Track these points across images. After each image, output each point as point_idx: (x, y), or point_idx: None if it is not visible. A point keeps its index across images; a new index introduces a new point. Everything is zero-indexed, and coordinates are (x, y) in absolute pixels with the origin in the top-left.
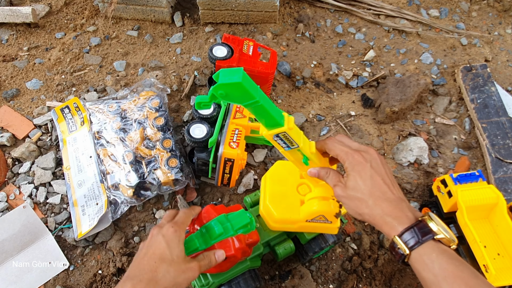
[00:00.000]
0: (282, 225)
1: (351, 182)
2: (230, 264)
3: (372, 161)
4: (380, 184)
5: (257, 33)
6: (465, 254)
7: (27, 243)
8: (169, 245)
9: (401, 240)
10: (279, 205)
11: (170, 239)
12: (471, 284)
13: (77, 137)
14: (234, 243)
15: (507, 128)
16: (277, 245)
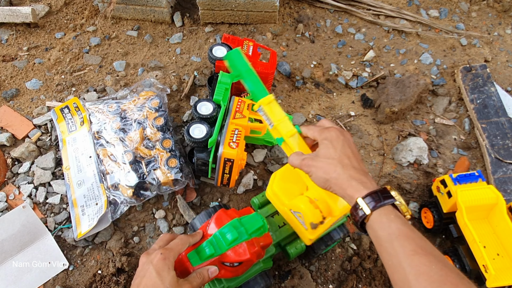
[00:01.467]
0: (274, 198)
1: (322, 150)
2: (245, 268)
3: (344, 134)
4: (350, 155)
5: (257, 33)
6: (465, 254)
7: (27, 243)
8: (160, 274)
9: (364, 201)
10: (283, 183)
11: (160, 268)
12: (421, 244)
13: (77, 137)
14: (249, 247)
15: (507, 128)
16: (288, 245)
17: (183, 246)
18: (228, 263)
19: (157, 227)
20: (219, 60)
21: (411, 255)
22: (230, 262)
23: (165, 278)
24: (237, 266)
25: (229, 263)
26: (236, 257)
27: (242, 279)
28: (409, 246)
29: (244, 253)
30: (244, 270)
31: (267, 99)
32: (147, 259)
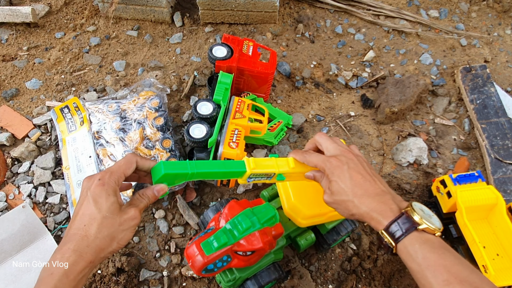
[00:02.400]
0: (312, 220)
1: (334, 187)
2: (257, 257)
3: (348, 162)
4: (361, 182)
5: (257, 33)
6: (464, 254)
7: (26, 243)
8: (97, 201)
9: (387, 234)
10: (306, 202)
11: (97, 194)
12: (453, 271)
13: (77, 137)
14: (262, 236)
15: (507, 128)
16: (298, 236)
17: (127, 167)
18: (241, 252)
19: (156, 227)
20: (219, 60)
21: (444, 286)
22: (243, 251)
23: (102, 206)
24: (250, 255)
25: (242, 252)
26: (249, 246)
27: (254, 269)
28: (440, 277)
29: (257, 242)
30: (256, 260)
31: (248, 164)
32: (87, 184)
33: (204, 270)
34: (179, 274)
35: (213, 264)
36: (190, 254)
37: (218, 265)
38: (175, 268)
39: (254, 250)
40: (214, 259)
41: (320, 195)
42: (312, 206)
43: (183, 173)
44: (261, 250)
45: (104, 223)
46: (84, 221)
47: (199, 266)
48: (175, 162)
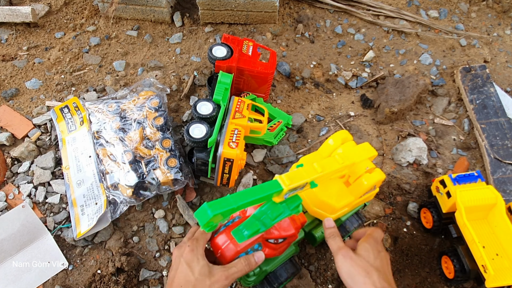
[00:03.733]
0: (341, 212)
1: (363, 251)
2: (286, 246)
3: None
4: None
5: (257, 33)
6: (464, 254)
7: (26, 243)
8: (190, 266)
9: None
10: (332, 196)
11: (189, 259)
12: None
13: (77, 136)
14: (292, 222)
15: (506, 128)
16: (313, 229)
17: (208, 234)
18: (272, 239)
19: (156, 227)
20: (219, 60)
21: None
22: (275, 239)
23: (195, 269)
24: (281, 243)
25: (273, 239)
26: (282, 232)
27: (276, 263)
28: None
29: (289, 228)
30: (285, 249)
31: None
32: (178, 252)
33: (235, 259)
34: None
35: (245, 253)
36: (219, 243)
37: (250, 253)
38: None
39: (285, 237)
40: (246, 247)
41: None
42: (340, 199)
43: (229, 209)
44: (291, 237)
45: (196, 285)
46: (181, 283)
47: (231, 255)
48: (216, 202)
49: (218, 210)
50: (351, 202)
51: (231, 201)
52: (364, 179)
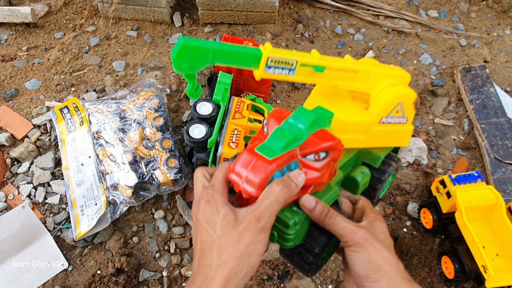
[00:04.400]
0: (350, 135)
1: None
2: (331, 170)
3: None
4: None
5: (257, 33)
6: (464, 254)
7: (26, 243)
8: (209, 222)
9: None
10: (342, 109)
11: (207, 213)
12: None
13: (76, 137)
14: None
15: (506, 128)
16: (352, 172)
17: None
18: (312, 154)
19: (156, 227)
20: None
21: None
22: (315, 152)
23: (215, 224)
24: (324, 159)
25: (313, 154)
26: (322, 142)
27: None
28: None
29: (330, 137)
30: (330, 174)
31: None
32: (194, 209)
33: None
34: (179, 274)
35: (281, 174)
36: (243, 165)
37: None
38: (175, 268)
39: (329, 149)
40: (280, 165)
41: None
42: (351, 112)
43: (204, 47)
44: (337, 150)
45: (221, 245)
46: (203, 249)
47: (264, 176)
48: (195, 39)
49: (191, 42)
50: (365, 122)
51: (207, 42)
52: (385, 91)
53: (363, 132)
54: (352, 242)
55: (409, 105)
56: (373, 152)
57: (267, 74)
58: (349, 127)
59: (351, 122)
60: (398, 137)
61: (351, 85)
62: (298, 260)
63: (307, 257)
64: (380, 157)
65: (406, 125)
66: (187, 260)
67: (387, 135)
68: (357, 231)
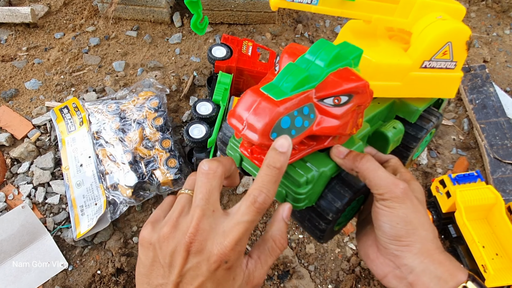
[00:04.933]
0: (382, 82)
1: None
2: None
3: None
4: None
5: (256, 33)
6: (464, 254)
7: (26, 243)
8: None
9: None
10: (376, 52)
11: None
12: None
13: (76, 137)
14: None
15: (506, 128)
16: (382, 126)
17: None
18: (330, 98)
19: None
20: (219, 61)
21: None
22: (335, 95)
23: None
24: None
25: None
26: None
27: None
28: None
29: (356, 77)
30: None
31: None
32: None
33: (275, 132)
34: None
35: (290, 119)
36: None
37: (298, 123)
38: None
39: (351, 93)
40: (289, 108)
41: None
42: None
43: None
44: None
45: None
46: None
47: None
48: None
49: None
50: (402, 66)
51: None
52: (431, 27)
53: (399, 78)
54: (390, 194)
55: (461, 45)
56: (410, 104)
57: (285, 3)
58: (381, 72)
59: (384, 65)
60: (443, 86)
61: (389, 20)
62: (309, 226)
63: (318, 223)
64: (418, 111)
65: (454, 71)
66: None
67: (429, 83)
68: (398, 183)
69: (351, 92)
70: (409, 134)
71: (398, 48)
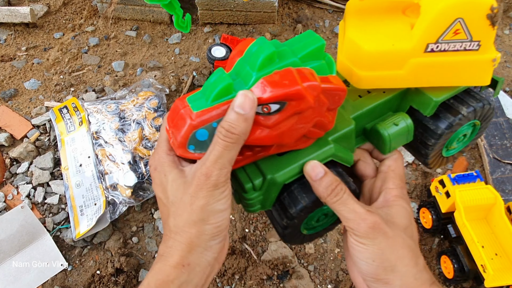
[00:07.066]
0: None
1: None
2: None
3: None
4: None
5: (256, 33)
6: (463, 254)
7: (25, 244)
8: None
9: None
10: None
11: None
12: None
13: (76, 137)
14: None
15: (505, 128)
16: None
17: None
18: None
19: (156, 227)
20: (218, 61)
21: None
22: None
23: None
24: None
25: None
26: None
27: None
28: None
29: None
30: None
31: None
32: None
33: (191, 144)
34: None
35: (208, 132)
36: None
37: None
38: None
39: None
40: (207, 120)
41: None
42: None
43: None
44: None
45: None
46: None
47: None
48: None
49: None
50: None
51: None
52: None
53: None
54: (359, 231)
55: (479, 20)
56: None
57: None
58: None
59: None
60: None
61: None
62: (273, 222)
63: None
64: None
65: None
66: None
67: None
68: (366, 217)
69: (283, 100)
70: (427, 127)
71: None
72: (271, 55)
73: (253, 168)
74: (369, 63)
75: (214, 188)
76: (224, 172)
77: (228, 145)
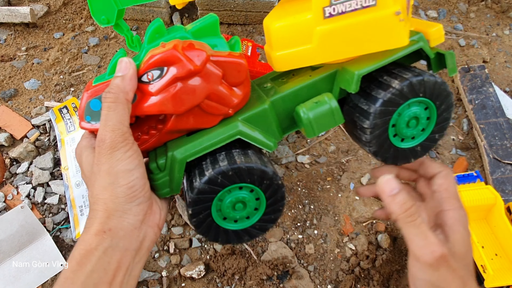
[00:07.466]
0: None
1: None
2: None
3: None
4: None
5: (256, 33)
6: None
7: (25, 244)
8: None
9: None
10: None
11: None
12: None
13: (76, 137)
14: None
15: (505, 128)
16: (299, 105)
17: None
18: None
19: None
20: None
21: None
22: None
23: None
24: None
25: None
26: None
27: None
28: None
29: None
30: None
31: None
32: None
33: (88, 115)
34: (178, 275)
35: (100, 102)
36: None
37: None
38: (174, 268)
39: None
40: (100, 90)
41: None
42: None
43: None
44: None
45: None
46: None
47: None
48: None
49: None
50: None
51: None
52: None
53: (306, 40)
54: (423, 259)
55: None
56: (347, 69)
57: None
58: (284, 37)
59: (282, 27)
60: (375, 34)
61: None
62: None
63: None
64: (354, 75)
65: (378, 8)
66: (186, 260)
67: (348, 36)
68: (435, 250)
69: (161, 65)
70: (361, 109)
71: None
72: (158, 27)
73: (162, 149)
74: (279, 41)
75: (112, 150)
76: (117, 133)
77: (110, 105)
